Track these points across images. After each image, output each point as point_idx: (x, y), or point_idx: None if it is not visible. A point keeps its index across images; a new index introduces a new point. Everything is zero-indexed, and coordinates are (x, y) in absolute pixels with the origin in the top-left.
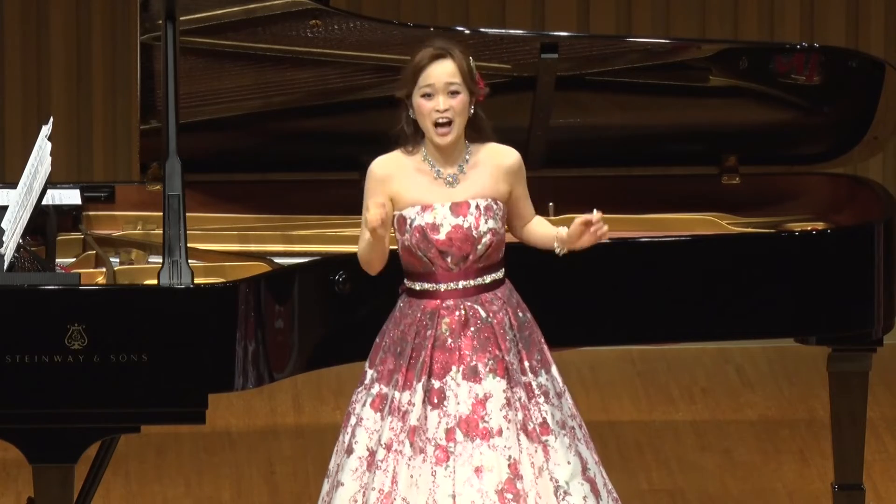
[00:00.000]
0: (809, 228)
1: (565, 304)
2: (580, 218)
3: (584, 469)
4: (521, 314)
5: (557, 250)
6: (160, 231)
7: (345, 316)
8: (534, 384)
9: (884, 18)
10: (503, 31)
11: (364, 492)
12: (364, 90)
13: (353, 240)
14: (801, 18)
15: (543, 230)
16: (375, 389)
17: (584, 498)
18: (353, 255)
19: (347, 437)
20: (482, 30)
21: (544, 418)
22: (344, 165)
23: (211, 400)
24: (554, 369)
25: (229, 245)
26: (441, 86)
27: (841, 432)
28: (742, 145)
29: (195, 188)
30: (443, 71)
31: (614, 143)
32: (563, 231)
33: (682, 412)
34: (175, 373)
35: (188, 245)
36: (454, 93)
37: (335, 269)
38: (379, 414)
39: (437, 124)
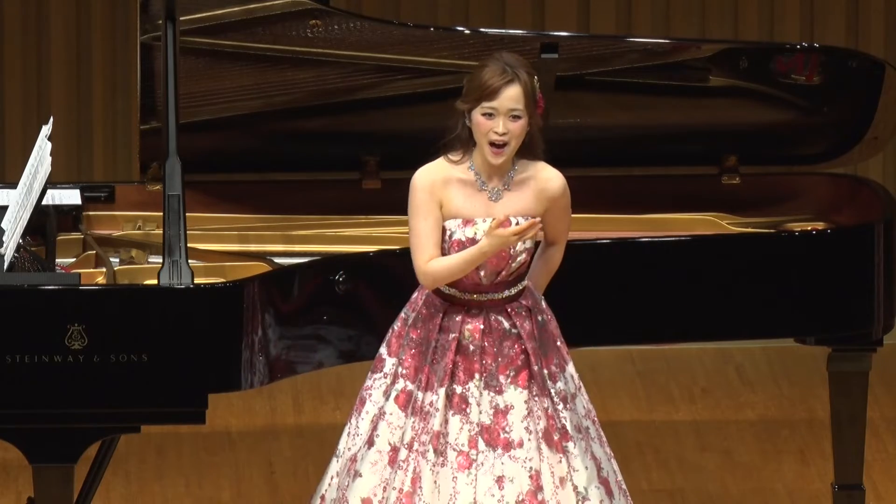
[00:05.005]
0: (809, 228)
1: (565, 304)
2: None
3: (599, 470)
4: (539, 318)
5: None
6: (160, 231)
7: (345, 316)
8: (552, 391)
9: (884, 18)
10: (503, 31)
11: (384, 486)
12: (364, 90)
13: (353, 240)
14: (801, 18)
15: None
16: (401, 385)
17: (601, 502)
18: (353, 256)
19: (365, 426)
20: (482, 30)
21: (563, 425)
22: (344, 165)
23: (211, 400)
24: (570, 367)
25: (229, 245)
26: (504, 110)
27: (841, 432)
28: (742, 145)
29: (195, 188)
30: (508, 96)
31: (614, 143)
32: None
33: (682, 412)
34: (175, 373)
35: (188, 245)
36: (515, 117)
37: (335, 269)
38: (404, 412)
39: (492, 144)
